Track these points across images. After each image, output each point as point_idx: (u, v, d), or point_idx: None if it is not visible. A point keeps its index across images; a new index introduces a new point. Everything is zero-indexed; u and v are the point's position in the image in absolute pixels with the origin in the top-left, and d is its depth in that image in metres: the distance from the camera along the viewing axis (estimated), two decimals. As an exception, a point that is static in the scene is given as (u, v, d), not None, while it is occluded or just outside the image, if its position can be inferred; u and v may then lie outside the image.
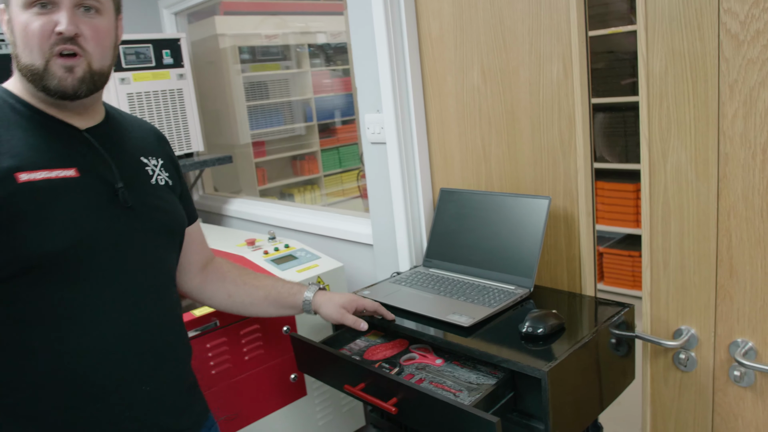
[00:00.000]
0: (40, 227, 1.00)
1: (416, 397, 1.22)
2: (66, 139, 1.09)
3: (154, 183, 1.22)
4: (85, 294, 1.05)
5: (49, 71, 1.03)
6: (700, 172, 1.34)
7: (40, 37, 1.01)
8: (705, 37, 1.28)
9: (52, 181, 1.02)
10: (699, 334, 1.41)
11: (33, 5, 1.01)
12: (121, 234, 1.10)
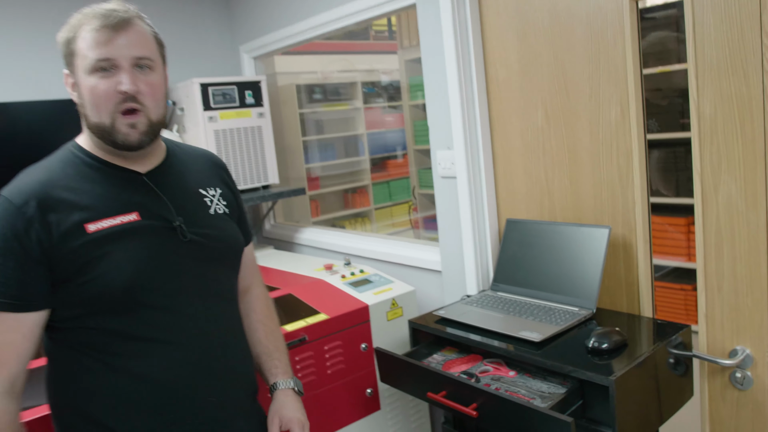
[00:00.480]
0: (109, 268, 1.16)
1: (496, 402, 1.38)
2: (129, 185, 1.25)
3: (213, 213, 1.36)
4: (159, 319, 1.21)
5: (116, 128, 1.18)
6: (749, 203, 1.48)
7: (106, 98, 1.16)
8: (750, 82, 1.44)
9: (116, 228, 1.19)
10: (754, 353, 1.53)
11: (97, 70, 1.16)
12: (185, 265, 1.26)
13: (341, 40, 5.69)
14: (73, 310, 1.16)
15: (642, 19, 2.02)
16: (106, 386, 1.20)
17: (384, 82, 5.76)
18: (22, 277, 1.12)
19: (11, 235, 1.11)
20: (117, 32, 1.17)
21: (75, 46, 1.18)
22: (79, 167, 1.22)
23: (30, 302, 1.13)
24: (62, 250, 1.13)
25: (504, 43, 1.95)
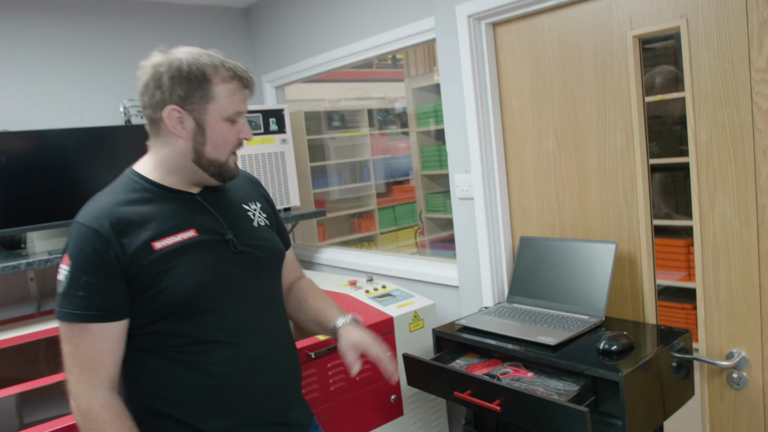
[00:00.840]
0: (175, 281, 1.31)
1: (517, 397, 1.54)
2: (185, 205, 1.40)
3: (256, 225, 1.51)
4: (219, 321, 1.37)
5: (228, 164, 1.38)
6: (742, 220, 1.65)
7: (231, 142, 1.36)
8: (741, 113, 1.62)
9: (178, 244, 1.34)
10: (749, 355, 1.69)
11: (229, 119, 1.35)
12: (235, 274, 1.41)
13: (348, 68, 5.89)
14: (145, 317, 1.32)
15: (643, 49, 2.20)
16: (173, 382, 1.35)
17: (398, 109, 5.95)
18: (108, 291, 1.26)
19: (93, 255, 1.26)
20: (250, 92, 1.39)
21: (213, 91, 1.32)
22: (140, 192, 1.36)
23: (117, 312, 1.28)
24: (135, 266, 1.28)
25: (518, 75, 2.14)
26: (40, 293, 2.98)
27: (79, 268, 1.25)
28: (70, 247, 1.28)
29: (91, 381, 1.25)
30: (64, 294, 1.26)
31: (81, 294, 1.24)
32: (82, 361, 1.25)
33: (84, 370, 1.25)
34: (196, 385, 1.35)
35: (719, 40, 1.64)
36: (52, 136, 2.59)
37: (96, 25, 3.16)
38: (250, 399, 1.40)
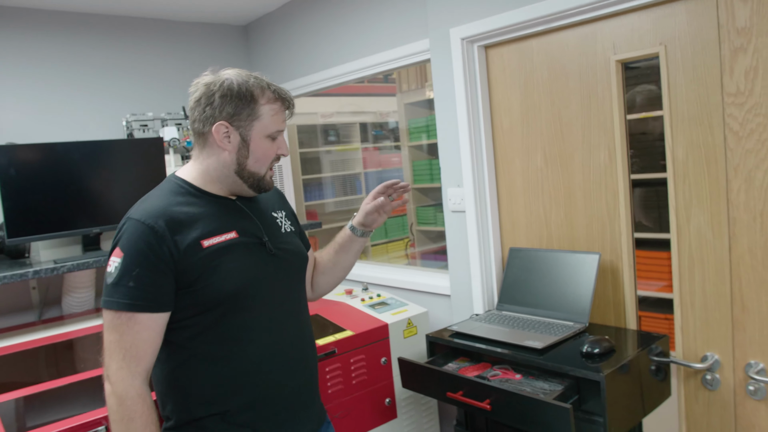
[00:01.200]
0: (220, 276, 1.43)
1: (506, 396, 1.65)
2: (226, 209, 1.53)
3: (284, 231, 1.65)
4: (253, 318, 1.49)
5: (265, 178, 1.52)
6: (715, 232, 1.78)
7: (271, 158, 1.50)
8: (714, 133, 1.75)
9: (222, 243, 1.46)
10: (721, 358, 1.81)
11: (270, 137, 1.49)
12: (271, 274, 1.54)
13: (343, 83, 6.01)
14: (187, 311, 1.42)
15: (629, 68, 2.32)
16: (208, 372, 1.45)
17: (390, 124, 6.08)
18: (157, 284, 1.36)
19: (147, 249, 1.36)
20: (290, 113, 1.53)
21: (256, 110, 1.45)
22: (186, 196, 1.48)
23: (163, 304, 1.38)
24: (185, 261, 1.39)
25: (508, 95, 2.27)
26: (42, 302, 3.06)
27: (132, 261, 1.35)
28: (124, 242, 1.37)
29: (131, 368, 1.34)
30: (115, 284, 1.35)
31: (132, 285, 1.34)
32: (125, 348, 1.34)
33: (126, 357, 1.34)
34: (227, 377, 1.46)
35: (695, 65, 1.77)
36: (59, 148, 2.69)
37: (99, 42, 3.27)
38: (278, 395, 1.51)
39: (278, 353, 1.52)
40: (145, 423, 1.34)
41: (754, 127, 1.68)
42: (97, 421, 1.67)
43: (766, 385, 1.72)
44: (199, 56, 3.61)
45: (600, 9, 1.90)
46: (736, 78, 1.69)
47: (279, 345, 1.53)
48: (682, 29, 1.78)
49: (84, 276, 2.88)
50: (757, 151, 1.68)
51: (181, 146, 3.12)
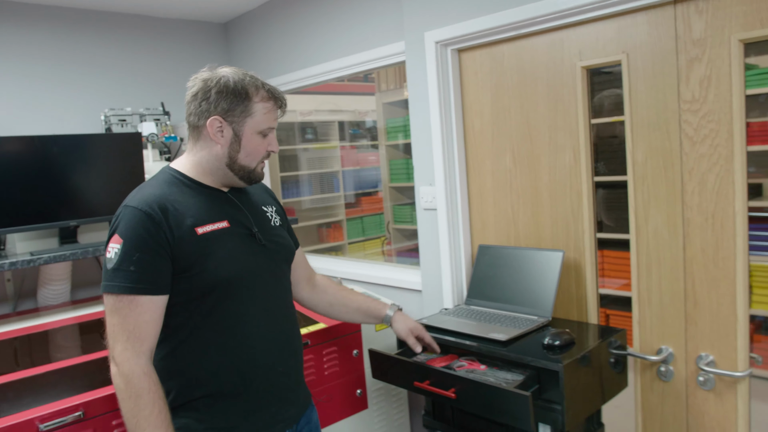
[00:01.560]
0: (213, 263, 1.51)
1: (470, 385, 1.73)
2: (219, 200, 1.61)
3: (273, 225, 1.73)
4: (244, 305, 1.57)
5: (256, 171, 1.60)
6: (671, 232, 1.88)
7: (261, 152, 1.58)
8: (671, 138, 1.85)
9: (216, 231, 1.54)
10: (675, 351, 1.91)
11: (261, 133, 1.56)
12: (260, 264, 1.62)
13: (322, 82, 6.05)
14: (183, 295, 1.49)
15: (600, 73, 2.42)
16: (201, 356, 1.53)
17: (368, 123, 6.14)
18: (156, 267, 1.43)
19: (146, 235, 1.43)
20: (282, 112, 1.60)
21: (250, 107, 1.53)
22: (179, 186, 1.56)
23: (162, 287, 1.45)
24: (181, 247, 1.46)
25: (479, 98, 2.35)
26: (17, 294, 3.08)
27: (132, 246, 1.42)
28: (122, 228, 1.44)
29: (135, 348, 1.41)
30: (116, 269, 1.41)
31: (133, 269, 1.41)
32: (129, 330, 1.41)
33: (130, 338, 1.41)
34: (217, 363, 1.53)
35: (654, 73, 1.87)
36: (38, 141, 2.71)
37: (78, 37, 3.29)
38: (267, 378, 1.59)
39: (268, 338, 1.60)
40: (152, 399, 1.40)
41: (707, 133, 1.78)
42: (75, 407, 1.71)
43: (714, 376, 1.83)
44: (179, 53, 3.65)
45: (567, 17, 1.99)
46: (692, 86, 1.79)
47: (268, 331, 1.60)
48: (643, 39, 1.88)
49: (60, 268, 2.91)
50: (710, 156, 1.78)
51: (159, 141, 3.16)
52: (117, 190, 2.88)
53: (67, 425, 1.69)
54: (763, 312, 2.56)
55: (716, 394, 1.84)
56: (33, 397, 1.78)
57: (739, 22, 1.69)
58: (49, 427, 1.66)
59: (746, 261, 1.76)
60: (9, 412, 1.69)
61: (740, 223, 1.75)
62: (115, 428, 1.78)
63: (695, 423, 1.89)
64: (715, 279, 1.81)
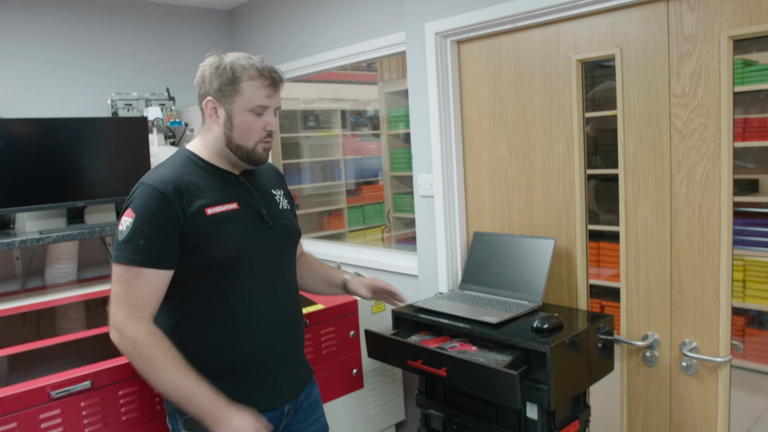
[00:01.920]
0: (221, 242, 1.59)
1: (461, 364, 1.81)
2: (230, 182, 1.69)
3: (281, 208, 1.80)
4: (249, 283, 1.64)
5: (255, 151, 1.64)
6: (659, 222, 1.94)
7: (256, 132, 1.62)
8: (661, 131, 1.91)
9: (225, 212, 1.62)
10: (660, 337, 1.98)
11: (253, 111, 1.61)
12: (267, 245, 1.70)
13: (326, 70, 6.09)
14: (191, 271, 1.57)
15: (600, 67, 2.46)
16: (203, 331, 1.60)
17: (369, 112, 6.19)
18: (165, 243, 1.51)
19: (158, 211, 1.50)
20: (274, 90, 1.62)
21: (240, 86, 1.57)
22: (193, 167, 1.63)
23: (168, 262, 1.53)
24: (191, 225, 1.54)
25: (477, 88, 2.41)
26: (26, 272, 3.16)
27: (143, 221, 1.50)
28: (136, 204, 1.52)
29: (137, 315, 1.49)
30: (126, 241, 1.50)
31: (142, 243, 1.49)
32: (132, 299, 1.49)
33: (132, 306, 1.49)
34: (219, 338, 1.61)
35: (646, 68, 1.93)
36: (48, 124, 2.78)
37: (86, 21, 3.35)
38: (267, 355, 1.67)
39: (269, 317, 1.67)
40: (163, 349, 1.49)
41: (696, 126, 1.84)
42: (84, 376, 1.79)
43: (697, 362, 1.90)
44: (184, 40, 3.71)
45: (563, 11, 2.05)
46: (682, 81, 1.85)
47: (270, 309, 1.68)
48: (636, 34, 1.93)
49: (67, 248, 2.99)
50: (698, 149, 1.84)
51: (164, 126, 3.22)
52: (123, 173, 2.95)
53: (77, 393, 1.78)
54: (756, 306, 2.63)
55: (698, 379, 1.91)
56: (43, 367, 1.86)
57: (729, 19, 1.74)
58: (60, 395, 1.74)
59: (730, 251, 1.82)
60: (21, 380, 1.77)
61: (725, 215, 1.81)
62: (121, 398, 1.86)
63: (678, 407, 1.97)
64: (699, 268, 1.87)
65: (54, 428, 1.75)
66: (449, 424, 2.12)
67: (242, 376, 1.64)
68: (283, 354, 1.72)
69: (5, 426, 1.68)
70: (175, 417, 1.66)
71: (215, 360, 1.61)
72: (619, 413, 2.12)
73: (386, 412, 2.63)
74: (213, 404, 1.50)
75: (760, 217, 2.66)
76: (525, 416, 1.88)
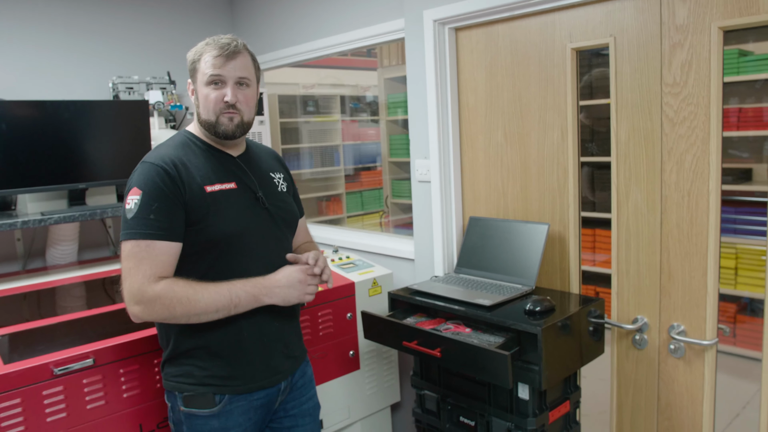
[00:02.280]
0: (219, 219, 1.64)
1: (454, 345, 1.86)
2: (227, 163, 1.74)
3: (279, 190, 1.84)
4: (247, 262, 1.69)
5: (219, 122, 1.67)
6: (649, 208, 1.99)
7: (215, 103, 1.66)
8: (653, 119, 1.95)
9: (224, 191, 1.68)
10: (649, 321, 2.03)
11: (210, 84, 1.65)
12: (263, 225, 1.74)
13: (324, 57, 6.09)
14: (191, 247, 1.62)
15: (598, 55, 2.49)
16: None
17: (368, 98, 6.20)
18: (173, 216, 1.57)
19: (163, 186, 1.56)
20: (228, 59, 1.64)
21: (198, 65, 1.66)
22: (192, 147, 1.70)
23: (178, 234, 1.58)
24: (192, 201, 1.59)
25: (474, 75, 2.45)
26: (27, 253, 3.20)
27: (150, 197, 1.55)
28: (141, 181, 1.58)
29: (152, 280, 1.54)
30: (135, 217, 1.55)
31: (152, 217, 1.55)
32: (143, 269, 1.54)
33: (145, 275, 1.54)
34: None
35: (638, 57, 1.96)
36: (50, 106, 2.81)
37: (87, 5, 3.36)
38: (263, 333, 1.72)
39: None
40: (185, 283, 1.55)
41: (686, 115, 1.88)
42: (86, 354, 1.84)
43: (685, 345, 1.95)
44: (185, 24, 3.72)
45: (558, 0, 2.08)
46: (674, 70, 1.89)
47: None
48: (630, 23, 1.97)
49: (69, 229, 3.03)
50: (688, 137, 1.88)
51: (165, 110, 3.25)
52: (124, 156, 2.98)
53: (79, 371, 1.82)
54: (747, 293, 2.68)
55: (686, 362, 1.96)
56: (46, 345, 1.91)
57: (720, 11, 1.78)
58: (63, 372, 1.79)
59: (718, 237, 1.87)
60: (24, 357, 1.81)
61: (713, 201, 1.85)
62: (122, 376, 1.91)
63: (665, 388, 2.02)
64: (688, 253, 1.92)
65: (56, 404, 1.79)
66: (443, 405, 2.17)
67: (240, 354, 1.69)
68: (279, 332, 1.76)
69: (9, 401, 1.72)
70: (174, 394, 1.71)
71: (213, 337, 1.66)
72: (608, 395, 2.17)
73: (382, 393, 2.68)
74: (254, 286, 1.62)
75: (753, 206, 2.70)
76: (517, 396, 1.93)
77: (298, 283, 1.67)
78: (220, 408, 1.68)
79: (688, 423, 1.98)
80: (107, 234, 3.39)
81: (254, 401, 1.72)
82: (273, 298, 1.63)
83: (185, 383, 1.68)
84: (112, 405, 1.90)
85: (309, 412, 1.88)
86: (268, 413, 1.79)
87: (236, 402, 1.69)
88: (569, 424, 2.09)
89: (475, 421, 2.07)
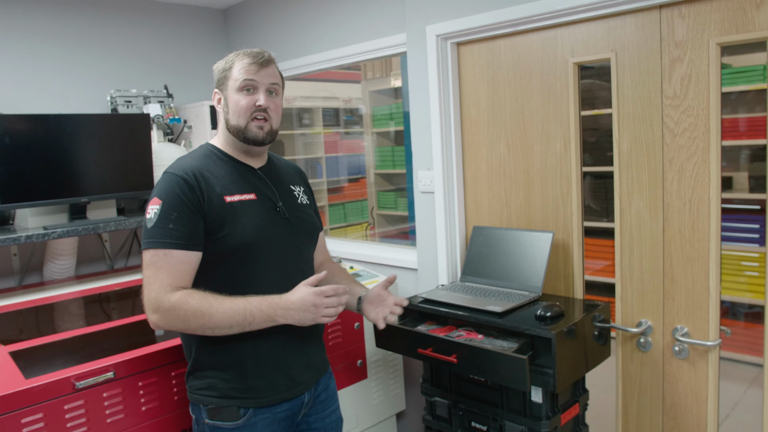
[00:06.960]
0: (238, 228, 1.67)
1: (470, 351, 1.91)
2: (248, 174, 1.77)
3: (299, 203, 1.88)
4: (266, 271, 1.72)
5: (248, 128, 1.71)
6: (652, 215, 2.07)
7: (246, 108, 1.70)
8: (654, 129, 2.03)
9: (243, 201, 1.71)
10: (653, 324, 2.11)
11: (243, 89, 1.70)
12: (282, 236, 1.77)
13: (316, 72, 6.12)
14: (210, 256, 1.64)
15: (584, 68, 2.57)
16: None
17: (362, 110, 6.24)
18: (192, 225, 1.60)
19: (183, 197, 1.60)
20: (261, 67, 1.70)
21: (230, 72, 1.70)
22: (214, 159, 1.74)
23: (196, 244, 1.61)
24: (211, 211, 1.63)
25: (476, 89, 2.52)
26: (24, 268, 3.17)
27: (170, 206, 1.59)
28: (161, 191, 1.62)
29: (168, 289, 1.57)
30: (155, 227, 1.58)
31: (171, 226, 1.58)
32: (162, 278, 1.57)
33: (162, 284, 1.57)
34: None
35: (639, 71, 2.05)
36: (51, 120, 2.81)
37: (85, 19, 3.38)
38: (284, 344, 1.74)
39: None
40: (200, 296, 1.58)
41: (686, 126, 1.96)
42: (107, 368, 1.85)
43: (688, 346, 2.03)
44: (180, 38, 3.75)
45: (561, 17, 2.16)
46: (674, 84, 1.98)
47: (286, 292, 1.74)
48: (630, 39, 2.05)
49: (68, 244, 3.02)
50: (688, 147, 1.97)
51: (164, 123, 3.27)
52: (125, 169, 2.99)
53: (100, 384, 1.83)
54: (729, 297, 2.77)
55: (690, 363, 2.04)
56: (63, 359, 1.91)
57: (717, 28, 1.87)
58: (84, 386, 1.80)
59: (718, 243, 1.95)
60: (44, 372, 1.81)
61: (714, 208, 1.94)
62: (141, 389, 1.93)
63: (670, 389, 2.09)
64: (690, 258, 2.00)
65: (78, 418, 1.80)
66: (455, 411, 2.22)
67: (260, 366, 1.71)
68: (300, 341, 1.78)
69: (32, 416, 1.73)
70: (199, 407, 1.73)
71: (234, 349, 1.68)
72: (614, 397, 2.24)
73: (388, 402, 2.72)
74: (270, 306, 1.61)
75: (733, 213, 2.80)
76: (530, 400, 1.99)
77: (312, 306, 1.63)
78: (245, 421, 1.70)
79: (693, 422, 2.05)
80: (104, 248, 3.38)
81: (278, 414, 1.74)
82: (288, 319, 1.63)
83: (209, 396, 1.70)
84: (130, 418, 1.91)
85: (332, 425, 1.90)
86: (292, 426, 1.81)
87: (260, 415, 1.71)
88: (579, 425, 2.15)
89: (487, 425, 2.12)
